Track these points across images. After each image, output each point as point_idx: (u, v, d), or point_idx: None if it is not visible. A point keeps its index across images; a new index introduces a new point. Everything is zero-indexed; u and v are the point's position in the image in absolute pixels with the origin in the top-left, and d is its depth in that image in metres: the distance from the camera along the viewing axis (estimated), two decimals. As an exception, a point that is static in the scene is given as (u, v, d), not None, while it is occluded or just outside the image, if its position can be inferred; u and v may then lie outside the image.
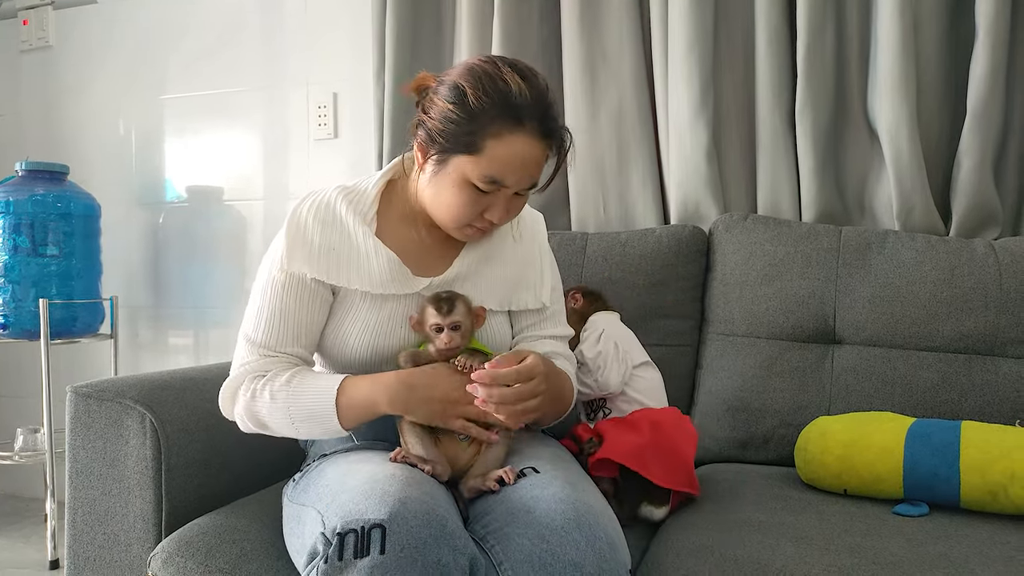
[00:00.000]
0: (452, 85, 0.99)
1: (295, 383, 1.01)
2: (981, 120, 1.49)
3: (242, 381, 1.04)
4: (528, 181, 1.01)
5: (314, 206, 1.07)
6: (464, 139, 0.97)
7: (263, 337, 1.04)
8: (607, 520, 0.89)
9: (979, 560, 0.94)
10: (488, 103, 0.95)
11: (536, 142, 0.98)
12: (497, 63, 0.99)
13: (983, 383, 1.35)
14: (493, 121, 0.96)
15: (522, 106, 0.96)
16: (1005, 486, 1.06)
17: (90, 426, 1.16)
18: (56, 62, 2.43)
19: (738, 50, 1.69)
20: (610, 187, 1.77)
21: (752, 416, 1.44)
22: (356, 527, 0.79)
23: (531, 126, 0.97)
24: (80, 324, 2.12)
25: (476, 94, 0.96)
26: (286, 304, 1.04)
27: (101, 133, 2.38)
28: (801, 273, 1.48)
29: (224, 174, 2.26)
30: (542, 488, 0.90)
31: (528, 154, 0.98)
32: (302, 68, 2.14)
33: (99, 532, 1.15)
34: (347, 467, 0.95)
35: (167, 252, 2.33)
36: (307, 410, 1.00)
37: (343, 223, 1.06)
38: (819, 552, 0.96)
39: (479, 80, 0.97)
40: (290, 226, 1.06)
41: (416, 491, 0.84)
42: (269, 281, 1.05)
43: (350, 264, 1.05)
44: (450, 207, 1.02)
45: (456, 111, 0.97)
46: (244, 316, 1.08)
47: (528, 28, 1.81)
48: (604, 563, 0.83)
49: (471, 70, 0.99)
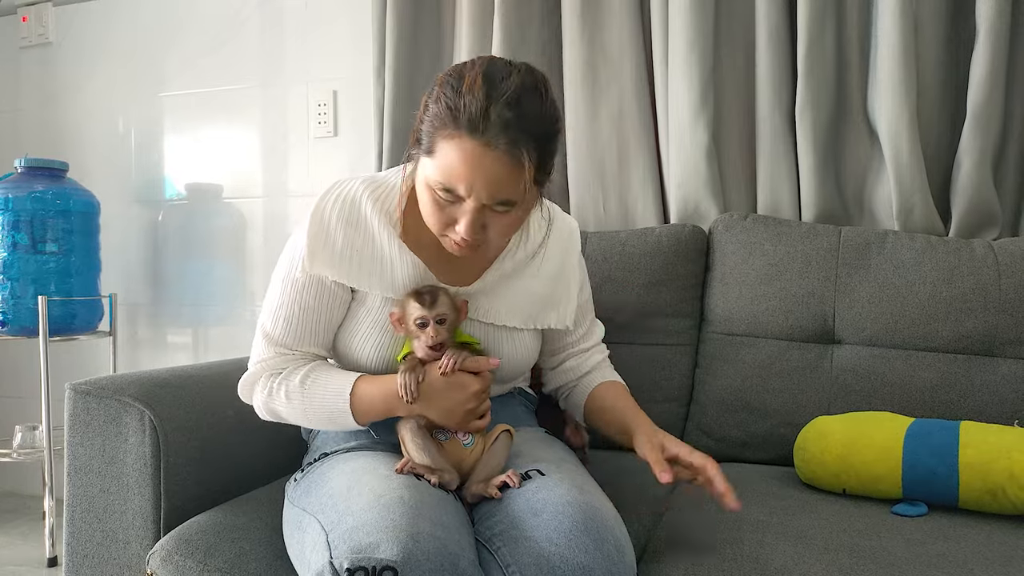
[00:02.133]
0: (434, 82, 0.96)
1: (309, 383, 1.01)
2: (981, 121, 1.49)
3: (259, 378, 1.04)
4: (489, 194, 0.90)
5: (338, 202, 1.04)
6: (427, 139, 0.93)
7: (280, 335, 1.04)
8: (615, 523, 0.88)
9: (977, 560, 0.94)
10: (443, 103, 0.90)
11: (487, 149, 0.87)
12: (475, 62, 0.93)
13: (982, 383, 1.35)
14: (445, 123, 0.89)
15: (472, 109, 0.87)
16: (1003, 486, 1.06)
17: (89, 423, 1.16)
18: (56, 59, 2.43)
19: (739, 50, 1.69)
20: (610, 186, 1.77)
21: (751, 415, 1.44)
22: (367, 565, 0.76)
23: (486, 130, 0.87)
24: (79, 321, 2.12)
25: (440, 92, 0.92)
26: (305, 303, 1.03)
27: (100, 130, 2.38)
28: (801, 273, 1.48)
29: (224, 172, 2.26)
30: (549, 491, 0.90)
31: (477, 161, 0.88)
32: (302, 65, 2.14)
33: (97, 529, 1.15)
34: (352, 477, 0.93)
35: (166, 250, 2.33)
36: (322, 411, 1.00)
37: (368, 223, 1.03)
38: (818, 551, 0.96)
39: (448, 78, 0.93)
40: (313, 223, 1.03)
41: (427, 524, 0.81)
42: (289, 278, 1.04)
43: (372, 268, 1.03)
44: (423, 210, 0.98)
45: (426, 108, 0.94)
46: (264, 303, 1.07)
47: (529, 27, 1.80)
48: (613, 566, 0.83)
49: (453, 68, 0.96)
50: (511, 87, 0.88)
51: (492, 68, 0.91)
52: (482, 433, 1.01)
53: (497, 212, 0.93)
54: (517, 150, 0.88)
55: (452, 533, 0.83)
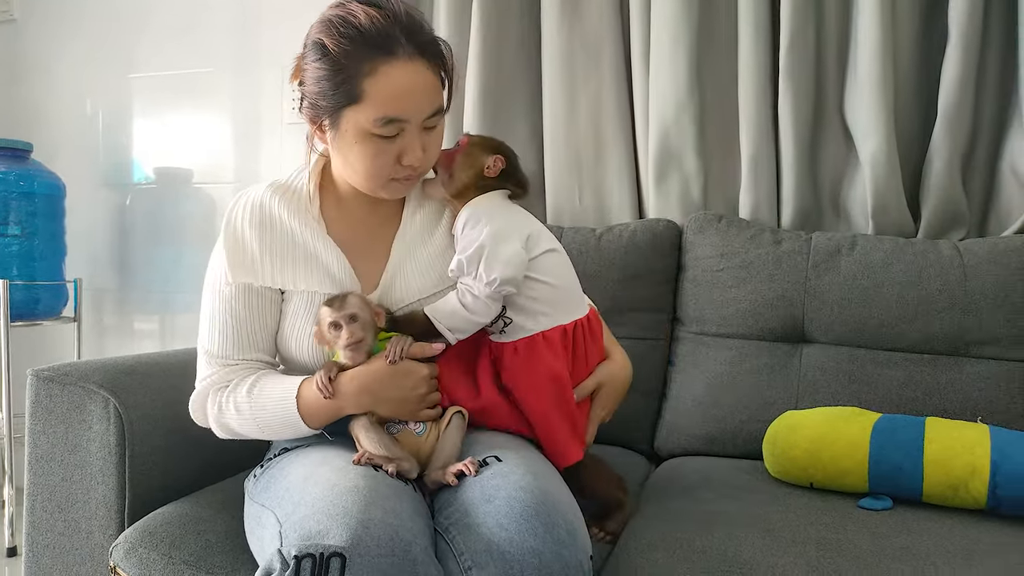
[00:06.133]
0: (312, 44, 0.97)
1: (255, 393, 1.00)
2: (952, 122, 1.51)
3: (207, 395, 1.03)
4: (426, 108, 0.96)
5: (247, 209, 1.05)
6: (342, 90, 0.93)
7: (219, 348, 1.03)
8: (567, 507, 0.88)
9: (940, 553, 0.96)
10: (347, 44, 0.92)
11: (411, 64, 0.93)
12: (344, 3, 0.96)
13: (947, 382, 1.37)
14: (361, 60, 0.92)
15: (381, 33, 0.92)
16: (966, 481, 1.08)
17: (51, 411, 1.13)
18: (20, 36, 2.36)
19: (721, 46, 1.68)
20: (586, 180, 1.77)
21: (722, 411, 1.45)
22: (314, 552, 0.75)
23: (399, 49, 0.92)
24: (42, 306, 2.07)
25: (333, 41, 0.93)
26: (236, 313, 1.03)
27: (67, 111, 2.32)
28: (771, 276, 1.49)
29: (194, 156, 2.21)
30: (504, 477, 0.89)
31: (410, 79, 0.93)
32: (276, 49, 2.10)
33: (59, 519, 1.13)
34: (309, 469, 0.92)
35: (134, 234, 2.28)
36: (273, 420, 0.99)
37: (282, 224, 1.04)
38: (786, 544, 0.97)
39: (331, 26, 0.94)
40: (227, 235, 1.03)
41: (379, 511, 0.81)
42: (216, 293, 1.03)
43: (294, 266, 1.03)
44: (363, 166, 0.98)
45: (323, 66, 0.94)
46: (199, 326, 1.06)
47: (507, 18, 1.79)
48: (563, 549, 0.82)
49: (322, 21, 0.96)
50: (398, 4, 0.96)
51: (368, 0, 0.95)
52: (434, 421, 1.00)
53: (429, 128, 0.98)
54: (426, 57, 0.95)
55: (405, 521, 0.82)
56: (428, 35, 0.97)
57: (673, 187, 1.69)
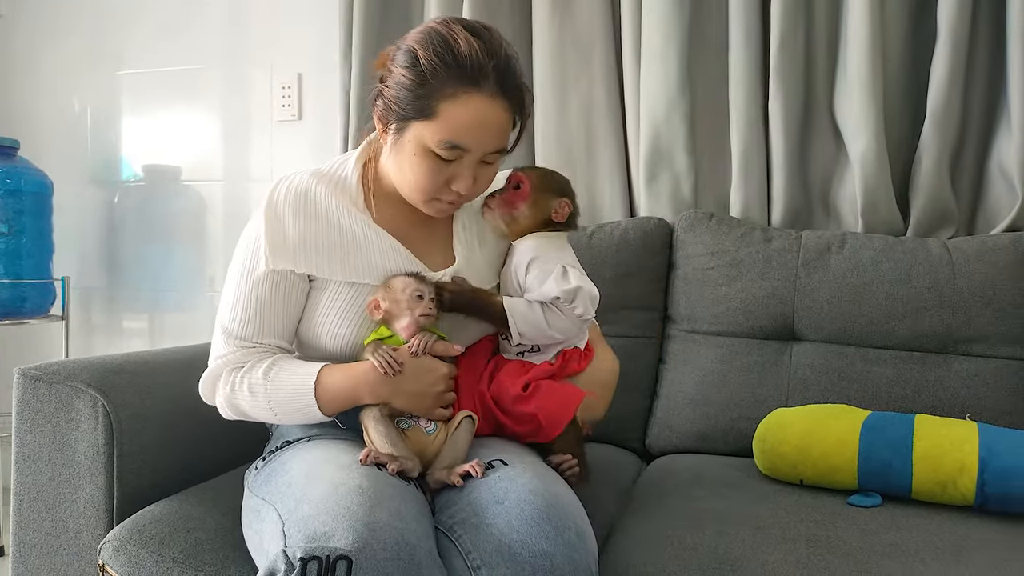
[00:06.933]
0: (405, 50, 0.97)
1: (272, 376, 0.99)
2: (940, 121, 1.52)
3: (220, 374, 1.02)
4: (491, 144, 0.97)
5: (290, 194, 1.03)
6: (419, 103, 0.94)
7: (240, 329, 1.02)
8: (576, 512, 0.89)
9: (929, 549, 0.96)
10: (439, 63, 0.93)
11: (492, 101, 0.95)
12: (449, 23, 0.96)
13: (936, 379, 1.38)
14: (446, 82, 0.93)
15: (474, 64, 0.93)
16: (955, 478, 1.09)
17: (39, 410, 1.12)
18: (8, 32, 2.33)
19: (712, 45, 1.69)
20: (578, 178, 1.77)
21: (712, 409, 1.45)
22: (320, 555, 0.75)
23: (485, 84, 0.94)
24: (30, 305, 2.05)
25: (427, 55, 0.93)
26: (263, 297, 1.02)
27: (54, 108, 2.30)
28: (762, 274, 1.50)
29: (183, 154, 2.20)
30: (511, 480, 0.90)
31: (485, 114, 0.94)
32: (266, 47, 2.09)
33: (47, 519, 1.12)
34: (312, 465, 0.92)
35: (122, 232, 2.26)
36: (287, 403, 0.99)
37: (327, 212, 1.03)
38: (776, 541, 0.97)
39: (430, 41, 0.94)
40: (268, 218, 1.02)
41: (384, 513, 0.80)
42: (246, 272, 1.02)
43: (335, 255, 1.02)
44: (414, 179, 0.99)
45: (409, 75, 0.95)
46: (220, 301, 1.05)
47: (498, 16, 1.79)
48: (574, 552, 0.83)
49: (423, 32, 0.97)
50: (499, 39, 0.97)
51: (474, 26, 0.96)
52: (445, 421, 1.00)
53: (487, 163, 1.00)
54: (507, 98, 0.96)
55: (410, 523, 0.82)
56: (517, 79, 0.98)
57: (664, 185, 1.70)
